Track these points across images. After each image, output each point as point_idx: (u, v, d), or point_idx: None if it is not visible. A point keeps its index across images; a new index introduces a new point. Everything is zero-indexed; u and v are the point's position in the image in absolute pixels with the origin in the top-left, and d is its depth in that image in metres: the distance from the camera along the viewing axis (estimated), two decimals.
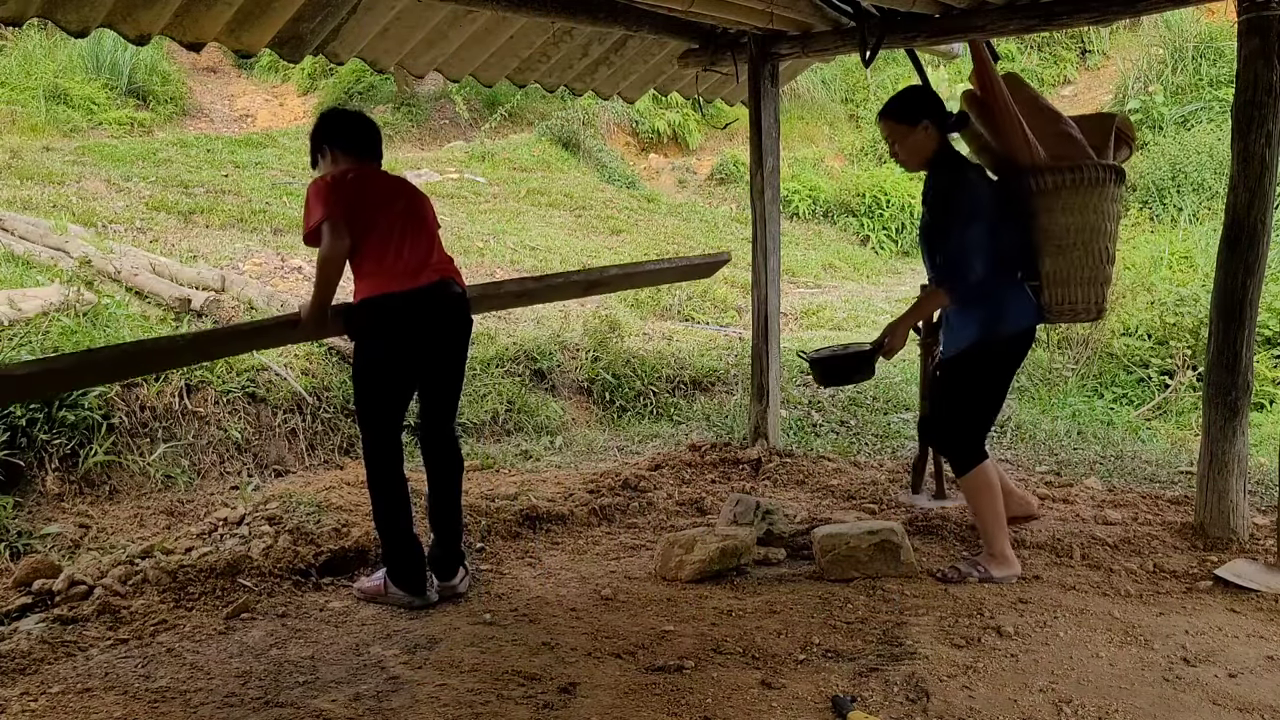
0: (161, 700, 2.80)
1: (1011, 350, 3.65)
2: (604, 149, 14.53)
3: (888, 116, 3.69)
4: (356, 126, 3.59)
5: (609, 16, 4.72)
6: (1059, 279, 3.61)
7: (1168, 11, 10.55)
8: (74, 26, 3.62)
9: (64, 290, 5.50)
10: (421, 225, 3.53)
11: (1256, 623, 3.20)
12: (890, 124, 3.68)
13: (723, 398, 6.88)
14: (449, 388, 3.63)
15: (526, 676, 2.89)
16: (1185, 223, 10.89)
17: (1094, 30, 15.11)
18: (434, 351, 3.49)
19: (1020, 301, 3.62)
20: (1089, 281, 3.61)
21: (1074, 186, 3.55)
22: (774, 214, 5.39)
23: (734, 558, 3.70)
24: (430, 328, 3.44)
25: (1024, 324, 3.63)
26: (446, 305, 3.48)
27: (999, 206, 3.57)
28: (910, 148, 3.65)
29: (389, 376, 3.47)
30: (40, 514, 4.17)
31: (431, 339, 3.46)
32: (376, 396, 3.48)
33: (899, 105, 3.68)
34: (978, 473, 3.61)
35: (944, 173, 3.62)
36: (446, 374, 3.59)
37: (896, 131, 3.66)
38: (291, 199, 9.75)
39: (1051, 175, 3.57)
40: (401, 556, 3.50)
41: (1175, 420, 6.80)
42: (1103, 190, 3.58)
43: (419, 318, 3.40)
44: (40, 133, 11.40)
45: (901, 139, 3.66)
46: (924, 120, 3.60)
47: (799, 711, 2.66)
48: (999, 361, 3.65)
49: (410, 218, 3.50)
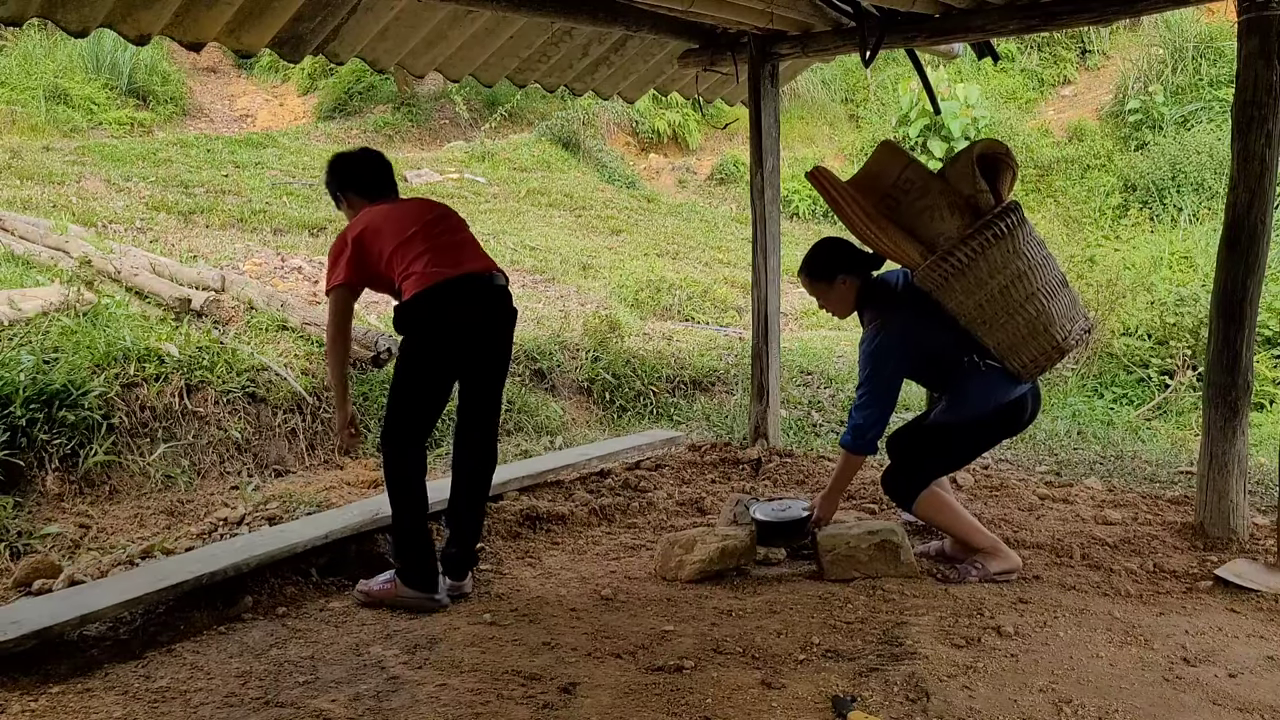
0: (161, 700, 2.79)
1: (981, 426, 3.62)
2: (604, 149, 14.53)
3: (805, 275, 3.73)
4: (365, 168, 3.63)
5: (609, 16, 4.72)
6: (1006, 349, 3.47)
7: (1168, 11, 10.53)
8: (74, 26, 3.62)
9: (64, 290, 5.51)
10: (458, 228, 3.57)
11: (1256, 623, 3.20)
12: (809, 281, 3.73)
13: (723, 398, 6.88)
14: (492, 381, 3.59)
15: (526, 676, 2.89)
16: (1185, 223, 10.89)
17: (1094, 30, 15.11)
18: (478, 341, 3.47)
19: (980, 385, 3.54)
20: (1031, 335, 3.44)
21: (959, 271, 3.38)
22: (774, 214, 5.39)
23: (734, 558, 3.70)
24: (476, 315, 3.43)
25: (991, 404, 3.55)
26: (492, 293, 3.47)
27: (923, 308, 3.54)
28: (834, 301, 3.71)
29: (433, 367, 3.43)
30: (40, 514, 4.17)
31: (476, 327, 3.45)
32: (417, 388, 3.42)
33: (812, 264, 3.71)
34: (921, 501, 3.64)
35: (867, 320, 3.65)
36: (490, 366, 3.56)
37: (816, 289, 3.72)
38: (291, 199, 9.76)
39: (933, 271, 3.43)
40: (416, 557, 3.45)
41: (1175, 420, 6.80)
42: (990, 252, 3.36)
43: (465, 303, 3.40)
44: (40, 133, 11.40)
45: (823, 295, 3.72)
46: (840, 275, 3.64)
47: (799, 711, 2.66)
48: (967, 433, 3.64)
49: (444, 222, 3.53)
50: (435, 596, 3.45)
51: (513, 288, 3.70)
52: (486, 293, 3.46)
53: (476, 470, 3.60)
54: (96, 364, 4.70)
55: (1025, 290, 3.42)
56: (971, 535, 3.64)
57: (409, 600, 3.44)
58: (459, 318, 3.39)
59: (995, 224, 3.39)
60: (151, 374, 4.82)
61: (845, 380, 7.10)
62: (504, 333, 3.58)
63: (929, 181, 3.47)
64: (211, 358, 5.10)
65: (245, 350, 5.30)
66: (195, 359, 5.04)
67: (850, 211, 3.50)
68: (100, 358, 4.73)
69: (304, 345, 5.64)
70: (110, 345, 4.84)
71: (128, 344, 4.90)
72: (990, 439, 3.78)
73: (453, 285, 3.37)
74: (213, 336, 5.39)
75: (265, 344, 5.52)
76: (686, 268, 10.18)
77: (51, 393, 4.38)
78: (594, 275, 9.20)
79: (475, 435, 3.59)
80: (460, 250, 3.49)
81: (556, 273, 8.98)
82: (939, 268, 3.43)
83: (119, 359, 4.79)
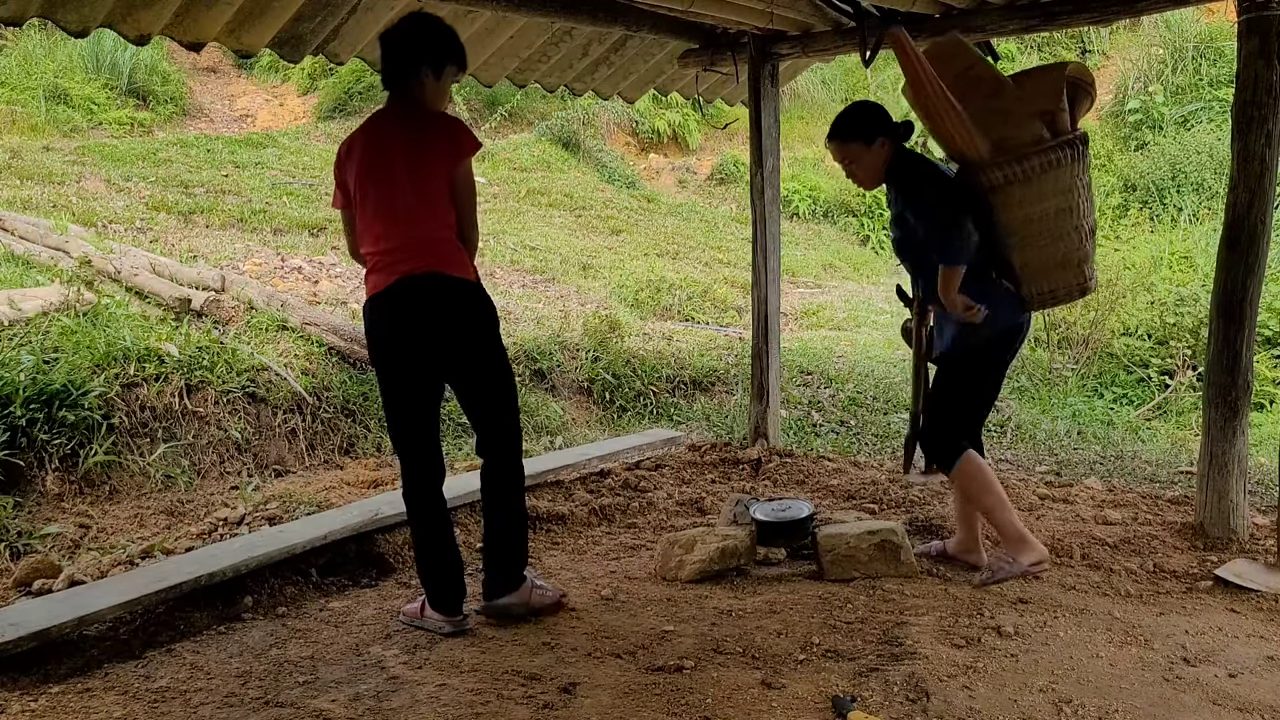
0: (161, 700, 2.79)
1: (996, 350, 3.54)
2: (604, 149, 14.53)
3: (841, 138, 3.51)
4: (384, 50, 3.15)
5: (609, 16, 4.72)
6: (1032, 271, 3.44)
7: (1168, 11, 10.54)
8: (74, 26, 3.62)
9: (64, 290, 5.51)
10: (401, 186, 3.05)
11: (1256, 623, 3.20)
12: (844, 146, 3.51)
13: (723, 398, 6.88)
14: (472, 384, 3.22)
15: (526, 676, 2.89)
16: (1185, 223, 10.90)
17: (1094, 30, 15.10)
18: (428, 348, 3.12)
19: (998, 301, 3.44)
20: (1063, 265, 3.43)
21: (1025, 179, 3.36)
22: (774, 214, 5.39)
23: (734, 558, 3.70)
24: (414, 326, 3.09)
25: (1004, 324, 3.48)
26: (429, 297, 3.07)
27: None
28: (866, 166, 3.51)
29: (389, 378, 3.18)
30: (40, 514, 4.17)
31: (419, 337, 3.11)
32: (385, 398, 3.23)
33: (851, 124, 3.50)
34: (963, 464, 3.51)
35: (906, 173, 3.47)
36: (461, 370, 3.19)
37: (851, 153, 3.51)
38: (291, 199, 9.75)
39: (998, 170, 3.37)
40: (425, 577, 3.25)
41: (1175, 420, 6.81)
42: (1058, 171, 3.37)
43: (401, 316, 3.09)
44: (40, 133, 11.40)
45: (857, 159, 3.51)
46: (879, 138, 3.46)
47: (799, 711, 2.66)
48: (982, 362, 3.54)
49: (391, 179, 3.06)
50: (453, 619, 3.22)
51: (513, 288, 3.65)
52: (423, 298, 3.06)
53: (487, 479, 3.29)
54: (96, 364, 4.70)
55: (1072, 222, 3.41)
56: (1003, 520, 3.52)
57: (428, 623, 3.25)
58: (397, 331, 3.10)
59: (1072, 146, 3.40)
60: (151, 374, 4.82)
61: (845, 380, 7.11)
62: (459, 333, 3.12)
63: (1002, 84, 3.45)
64: (211, 358, 5.10)
65: (245, 350, 5.30)
66: (195, 359, 5.04)
67: (929, 86, 3.38)
68: (100, 358, 4.74)
69: (304, 345, 5.64)
70: (110, 345, 4.84)
71: (128, 344, 4.90)
72: (995, 369, 3.61)
73: (389, 295, 3.07)
74: (213, 336, 5.39)
75: (265, 344, 5.52)
76: (686, 268, 10.18)
77: (51, 393, 4.38)
78: (594, 275, 9.20)
79: (482, 441, 3.28)
80: (398, 234, 3.06)
81: (556, 273, 8.98)
82: (1009, 168, 3.36)
83: (119, 359, 4.79)
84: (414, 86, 3.13)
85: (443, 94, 3.21)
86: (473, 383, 3.23)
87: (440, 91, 3.18)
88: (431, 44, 3.13)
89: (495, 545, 3.30)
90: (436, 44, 3.14)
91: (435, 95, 3.17)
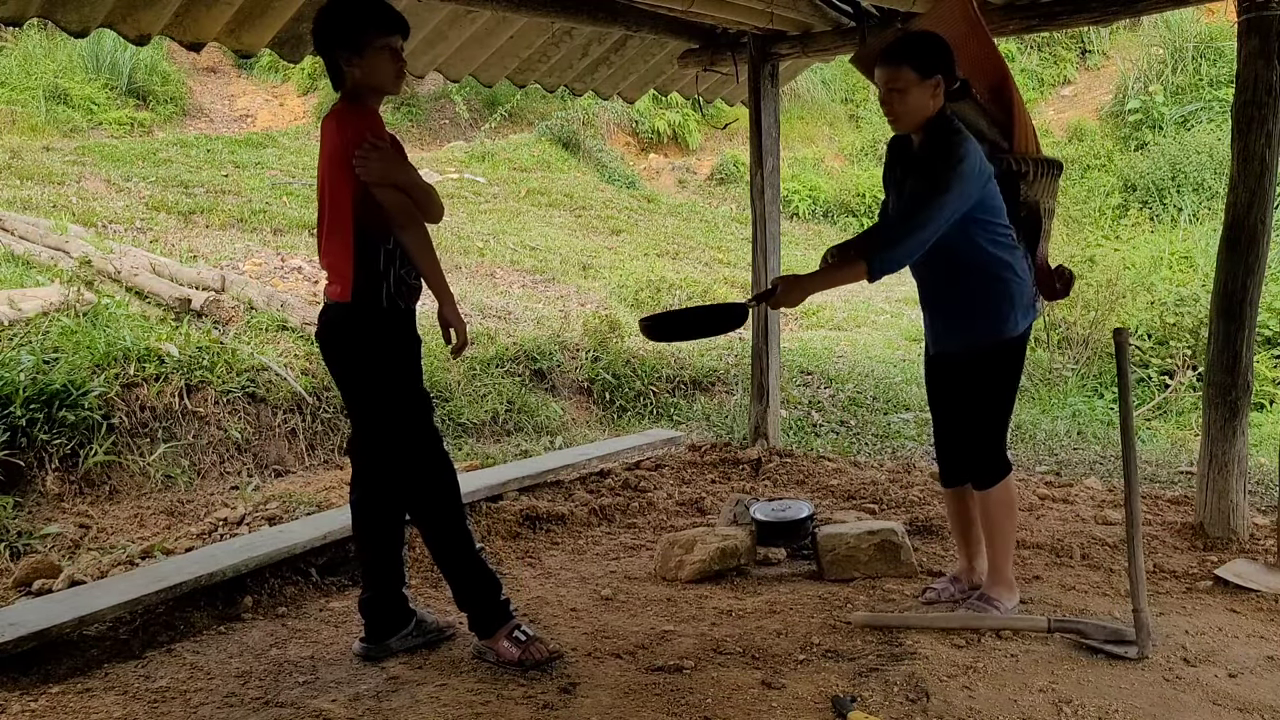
0: (161, 700, 2.79)
1: (1023, 345, 3.24)
2: (604, 149, 14.53)
3: (897, 62, 3.02)
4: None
5: (609, 17, 4.72)
6: (1039, 265, 3.32)
7: (1168, 11, 10.55)
8: (74, 26, 3.63)
9: (64, 290, 5.51)
10: (322, 212, 2.83)
11: (1256, 623, 3.20)
12: (897, 70, 3.01)
13: (723, 398, 6.88)
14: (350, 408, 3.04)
15: (526, 676, 2.89)
16: (1185, 223, 10.90)
17: (1094, 30, 15.11)
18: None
19: (1028, 295, 3.18)
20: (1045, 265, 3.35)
21: (1052, 177, 3.35)
22: (774, 214, 5.39)
23: (734, 558, 3.70)
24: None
25: (1031, 319, 3.23)
26: (322, 324, 2.94)
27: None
28: (914, 103, 3.02)
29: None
30: (40, 514, 4.17)
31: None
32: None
33: (915, 50, 3.03)
34: (1005, 486, 3.20)
35: (944, 134, 3.02)
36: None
37: (902, 80, 3.00)
38: (291, 199, 9.76)
39: (1038, 165, 3.25)
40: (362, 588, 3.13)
41: (1175, 420, 6.81)
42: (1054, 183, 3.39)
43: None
44: (40, 133, 11.40)
45: (906, 89, 3.01)
46: (937, 75, 3.01)
47: (799, 711, 2.66)
48: (1015, 358, 3.21)
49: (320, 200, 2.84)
50: (366, 644, 3.04)
51: (513, 288, 3.62)
52: (321, 324, 2.95)
53: (359, 500, 3.07)
54: (96, 364, 4.70)
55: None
56: (1007, 561, 3.28)
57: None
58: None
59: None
60: (151, 374, 4.82)
61: (845, 380, 7.11)
62: (332, 361, 2.94)
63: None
64: (211, 358, 5.10)
65: (245, 350, 5.30)
66: (195, 359, 5.04)
67: (997, 59, 3.31)
68: (100, 358, 4.73)
69: (304, 345, 5.64)
70: (110, 345, 4.84)
71: (128, 344, 4.90)
72: (1021, 365, 3.27)
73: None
74: (213, 336, 5.39)
75: (265, 344, 5.52)
76: (686, 268, 10.18)
77: (51, 393, 4.38)
78: (594, 275, 9.20)
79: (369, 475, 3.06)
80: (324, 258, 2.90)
81: (556, 273, 8.98)
82: (1047, 165, 3.30)
83: (119, 359, 4.79)
84: (342, 81, 2.79)
85: (375, 70, 2.73)
86: (350, 402, 3.01)
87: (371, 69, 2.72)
88: (329, 26, 2.75)
89: (369, 570, 3.09)
90: (333, 23, 2.74)
91: (367, 74, 2.73)
